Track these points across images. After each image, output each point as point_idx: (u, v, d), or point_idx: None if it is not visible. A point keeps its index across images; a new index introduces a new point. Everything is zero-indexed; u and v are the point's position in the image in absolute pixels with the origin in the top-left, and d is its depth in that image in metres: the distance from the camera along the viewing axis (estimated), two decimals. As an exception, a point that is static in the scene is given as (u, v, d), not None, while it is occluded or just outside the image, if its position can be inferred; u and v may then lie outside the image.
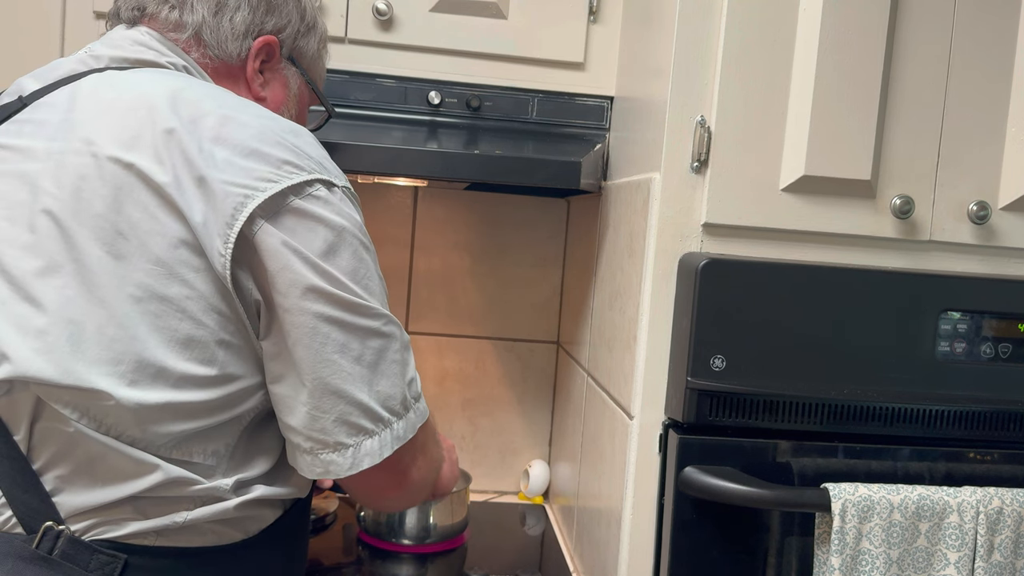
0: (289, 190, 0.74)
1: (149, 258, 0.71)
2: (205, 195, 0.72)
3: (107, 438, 0.72)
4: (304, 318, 0.74)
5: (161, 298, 0.72)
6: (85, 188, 0.73)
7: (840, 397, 0.97)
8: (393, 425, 0.80)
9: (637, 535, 1.02)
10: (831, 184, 0.98)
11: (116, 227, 0.72)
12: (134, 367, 0.71)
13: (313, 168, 0.76)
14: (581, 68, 1.34)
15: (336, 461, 0.78)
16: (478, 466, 1.66)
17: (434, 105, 1.32)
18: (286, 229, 0.73)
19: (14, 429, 0.72)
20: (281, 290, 0.73)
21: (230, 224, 0.72)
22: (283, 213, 0.73)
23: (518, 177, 1.23)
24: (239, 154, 0.73)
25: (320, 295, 0.74)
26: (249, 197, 0.72)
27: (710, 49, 0.98)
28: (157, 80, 0.80)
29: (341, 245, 0.76)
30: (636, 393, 1.02)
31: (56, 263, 0.72)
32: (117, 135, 0.74)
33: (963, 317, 0.99)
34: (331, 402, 0.77)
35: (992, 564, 0.95)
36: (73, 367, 0.70)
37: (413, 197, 1.63)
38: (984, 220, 1.01)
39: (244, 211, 0.72)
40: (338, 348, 0.76)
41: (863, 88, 0.97)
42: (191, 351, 0.73)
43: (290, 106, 0.97)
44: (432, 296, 1.64)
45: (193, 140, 0.73)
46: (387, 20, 1.29)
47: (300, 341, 0.75)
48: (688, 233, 1.00)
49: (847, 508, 0.93)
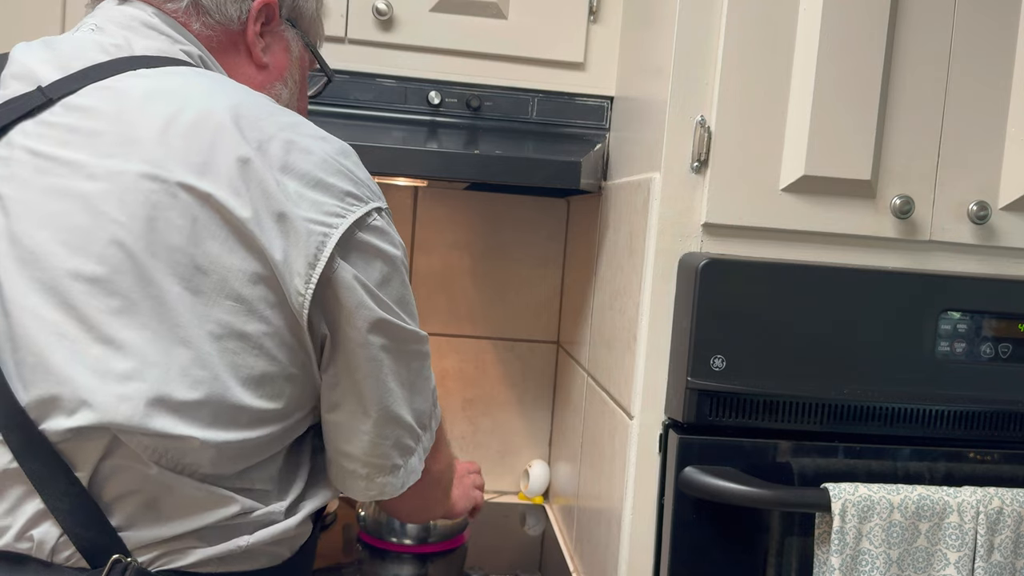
0: (355, 225, 0.73)
1: (229, 294, 0.69)
2: (285, 232, 0.70)
3: (180, 476, 0.70)
4: (372, 351, 0.75)
5: (240, 335, 0.70)
6: (159, 218, 0.68)
7: (840, 397, 0.97)
8: (422, 439, 0.84)
9: (637, 535, 1.02)
10: (831, 184, 0.98)
11: (194, 261, 0.68)
12: (217, 409, 0.69)
13: (368, 196, 0.75)
14: (581, 68, 1.34)
15: (391, 483, 0.81)
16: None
17: (434, 105, 1.32)
18: (355, 264, 0.73)
19: (78, 466, 0.68)
20: (356, 325, 0.73)
21: (312, 264, 0.70)
22: (351, 248, 0.73)
23: (518, 177, 1.23)
24: (307, 186, 0.71)
25: (382, 327, 0.75)
26: (327, 236, 0.71)
27: (710, 49, 0.98)
28: (206, 89, 0.75)
29: (393, 274, 0.76)
30: (636, 393, 1.02)
31: (133, 301, 0.67)
32: (185, 158, 0.69)
33: (963, 317, 0.99)
34: (391, 428, 0.79)
35: (992, 564, 0.95)
36: (158, 413, 0.67)
37: (413, 197, 1.63)
38: (984, 220, 1.01)
39: (325, 250, 0.70)
40: (393, 375, 0.78)
41: (863, 88, 0.97)
42: (264, 388, 0.72)
43: (293, 71, 0.92)
44: (432, 296, 1.64)
45: (268, 171, 0.70)
46: (387, 20, 1.29)
47: (369, 374, 0.76)
48: (688, 233, 1.00)
49: (847, 508, 0.93)
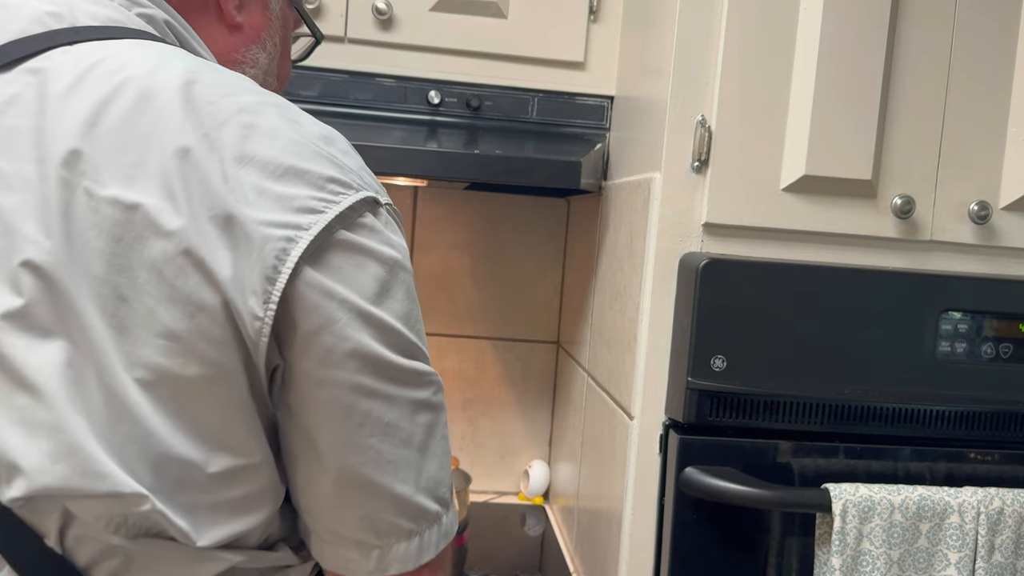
0: (337, 220, 0.56)
1: (159, 331, 0.54)
2: (234, 240, 0.54)
3: (154, 540, 0.57)
4: (338, 392, 0.57)
5: (177, 381, 0.55)
6: (77, 237, 0.54)
7: (841, 397, 0.97)
8: (442, 519, 0.63)
9: (637, 536, 1.02)
10: (832, 184, 0.98)
11: (118, 291, 0.54)
12: (158, 466, 0.55)
13: (359, 183, 0.59)
14: (581, 68, 1.33)
15: (355, 560, 0.61)
16: (478, 466, 1.66)
17: (434, 105, 1.32)
18: (331, 270, 0.56)
19: (44, 533, 0.56)
20: (316, 356, 0.56)
21: (272, 279, 0.54)
22: (327, 250, 0.56)
23: (518, 177, 1.23)
24: (272, 176, 0.56)
25: (366, 360, 0.57)
26: (293, 240, 0.55)
27: (711, 48, 0.98)
28: (152, 65, 0.59)
29: (394, 283, 0.59)
30: (636, 393, 1.02)
31: (52, 337, 0.54)
32: (115, 159, 0.55)
33: (964, 317, 0.99)
34: (358, 496, 0.59)
35: (993, 565, 0.94)
36: (99, 470, 0.53)
37: (413, 197, 1.63)
38: (985, 220, 1.01)
39: (289, 260, 0.54)
40: (380, 431, 0.58)
41: (864, 87, 0.97)
42: (220, 441, 0.57)
43: (272, 33, 0.78)
44: (432, 296, 1.64)
45: (215, 163, 0.55)
46: (387, 19, 1.29)
47: (328, 421, 0.57)
48: (688, 233, 1.00)
49: (848, 508, 0.93)
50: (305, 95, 1.29)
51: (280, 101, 0.61)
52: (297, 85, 1.28)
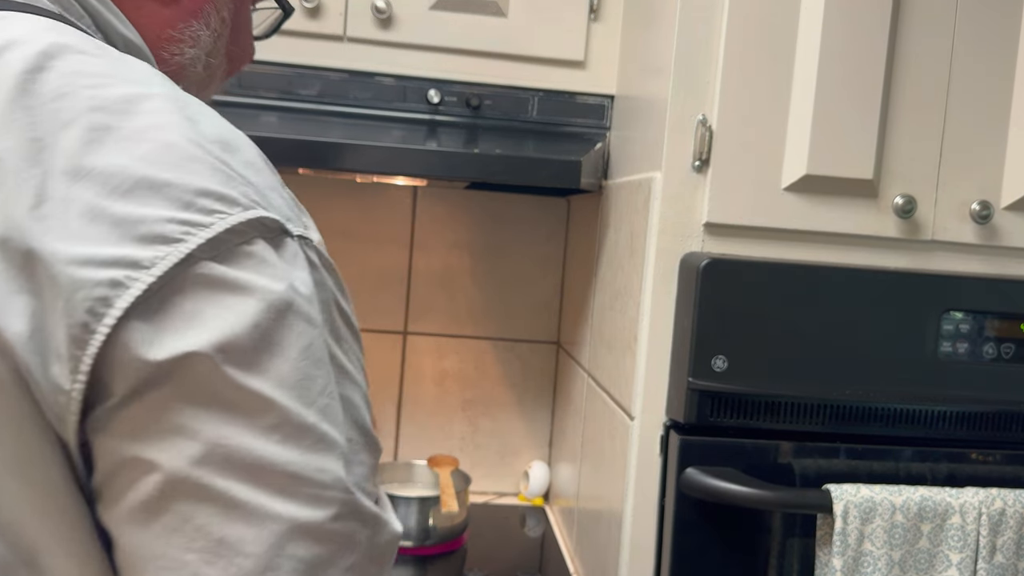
0: (204, 249, 0.41)
1: None
2: (34, 284, 0.40)
3: None
4: (169, 518, 0.40)
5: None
6: None
7: (842, 398, 0.97)
8: None
9: (638, 537, 1.02)
10: (833, 183, 0.98)
11: None
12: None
13: (252, 201, 0.43)
14: (581, 67, 1.33)
15: None
16: (478, 467, 1.66)
17: (433, 104, 1.31)
18: (175, 322, 0.40)
19: None
20: (125, 430, 0.40)
21: (81, 340, 0.39)
22: (178, 292, 0.40)
23: (518, 176, 1.22)
24: (114, 193, 0.41)
25: (209, 447, 0.40)
26: (121, 285, 0.39)
27: (711, 47, 0.98)
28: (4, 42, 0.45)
29: (281, 334, 0.41)
30: (637, 394, 1.02)
31: None
32: None
33: (965, 317, 0.98)
34: None
35: (994, 565, 0.94)
36: None
37: (413, 197, 1.63)
38: (987, 220, 1.00)
39: (109, 314, 0.39)
40: (206, 548, 0.39)
41: (865, 87, 0.97)
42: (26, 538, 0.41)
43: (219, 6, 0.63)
44: (432, 296, 1.64)
45: (29, 178, 0.41)
46: (386, 18, 1.28)
47: (132, 520, 0.41)
48: (689, 233, 0.99)
49: (849, 509, 0.92)
50: (304, 94, 1.29)
51: (178, 95, 0.47)
52: (296, 84, 1.28)
